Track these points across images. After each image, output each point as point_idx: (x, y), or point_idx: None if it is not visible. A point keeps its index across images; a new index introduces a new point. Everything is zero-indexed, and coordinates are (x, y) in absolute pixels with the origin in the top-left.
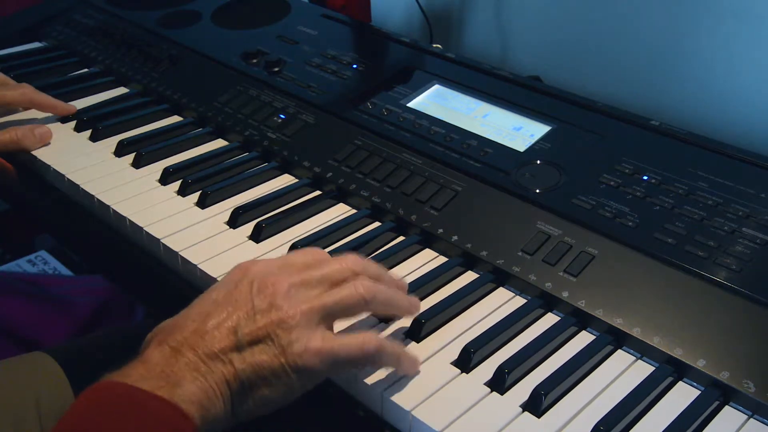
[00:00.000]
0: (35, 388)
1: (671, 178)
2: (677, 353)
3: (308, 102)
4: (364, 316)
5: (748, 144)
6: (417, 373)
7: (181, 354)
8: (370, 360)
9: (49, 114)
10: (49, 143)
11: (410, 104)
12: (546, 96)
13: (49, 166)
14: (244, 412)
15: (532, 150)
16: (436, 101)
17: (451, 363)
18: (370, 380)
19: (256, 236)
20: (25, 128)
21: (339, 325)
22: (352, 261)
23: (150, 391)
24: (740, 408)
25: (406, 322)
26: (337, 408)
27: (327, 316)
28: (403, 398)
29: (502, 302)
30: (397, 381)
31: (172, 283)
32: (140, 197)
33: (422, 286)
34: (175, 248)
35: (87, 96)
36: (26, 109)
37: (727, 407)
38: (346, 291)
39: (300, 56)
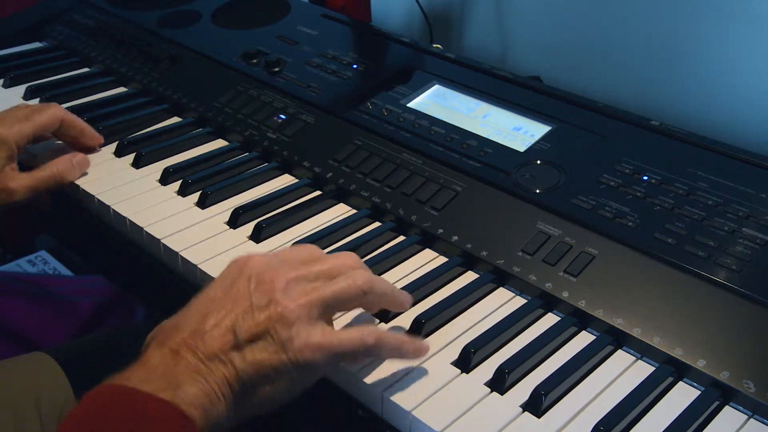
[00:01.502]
0: (35, 389)
1: (671, 178)
2: (677, 353)
3: (308, 102)
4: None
5: (748, 144)
6: (425, 355)
7: (181, 356)
8: (372, 352)
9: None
10: (87, 172)
11: (410, 104)
12: (546, 96)
13: None
14: (245, 411)
15: (532, 150)
16: (436, 101)
17: (451, 363)
18: (370, 380)
19: (256, 236)
20: (64, 160)
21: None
22: (348, 256)
23: (151, 393)
24: (740, 408)
25: (405, 322)
26: (337, 408)
27: (326, 310)
28: (403, 398)
29: (502, 302)
30: (397, 381)
31: (172, 283)
32: (140, 197)
33: (422, 286)
34: (175, 248)
35: (87, 96)
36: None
37: (727, 407)
38: (344, 282)
39: (300, 56)
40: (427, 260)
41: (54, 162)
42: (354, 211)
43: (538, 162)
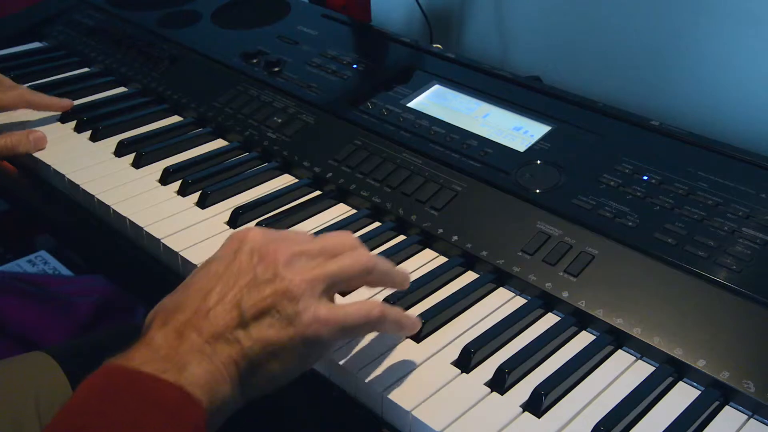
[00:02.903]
0: (35, 388)
1: (671, 178)
2: (677, 353)
3: (308, 102)
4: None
5: (748, 144)
6: (417, 329)
7: (185, 336)
8: (376, 325)
9: (47, 113)
10: (44, 148)
11: (410, 104)
12: (546, 96)
13: (49, 166)
14: (252, 390)
15: (532, 150)
16: (436, 101)
17: (451, 363)
18: (370, 380)
19: None
20: (20, 134)
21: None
22: (346, 235)
23: (155, 374)
24: (740, 408)
25: None
26: (337, 408)
27: (330, 286)
28: (403, 398)
29: (502, 302)
30: (397, 381)
31: (172, 283)
32: (140, 197)
33: (422, 286)
34: (175, 248)
35: (87, 96)
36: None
37: (727, 407)
38: (349, 260)
39: (300, 56)
40: (427, 260)
41: (10, 134)
42: (354, 211)
43: (538, 162)
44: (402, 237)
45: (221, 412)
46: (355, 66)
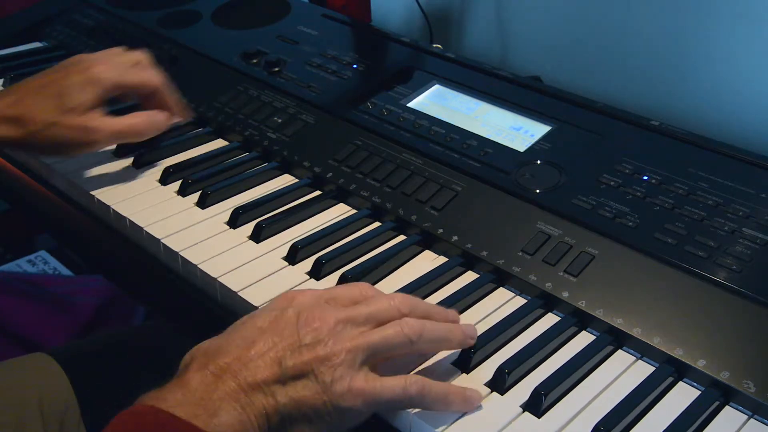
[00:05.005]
0: (37, 390)
1: (671, 178)
2: (677, 353)
3: (308, 102)
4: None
5: (748, 144)
6: (477, 409)
7: (222, 381)
8: (414, 402)
9: None
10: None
11: (410, 104)
12: (546, 96)
13: (49, 165)
14: None
15: (532, 150)
16: (436, 101)
17: (452, 363)
18: None
19: (256, 236)
20: (148, 114)
21: None
22: (399, 300)
23: (186, 419)
24: (740, 408)
25: None
26: None
27: (371, 356)
28: None
29: (502, 302)
30: None
31: (172, 283)
32: (140, 197)
33: (422, 286)
34: (175, 248)
35: None
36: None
37: (727, 407)
38: (392, 330)
39: (300, 56)
40: (427, 260)
41: (138, 114)
42: (354, 211)
43: (538, 162)
44: (402, 237)
45: None
46: (355, 66)
